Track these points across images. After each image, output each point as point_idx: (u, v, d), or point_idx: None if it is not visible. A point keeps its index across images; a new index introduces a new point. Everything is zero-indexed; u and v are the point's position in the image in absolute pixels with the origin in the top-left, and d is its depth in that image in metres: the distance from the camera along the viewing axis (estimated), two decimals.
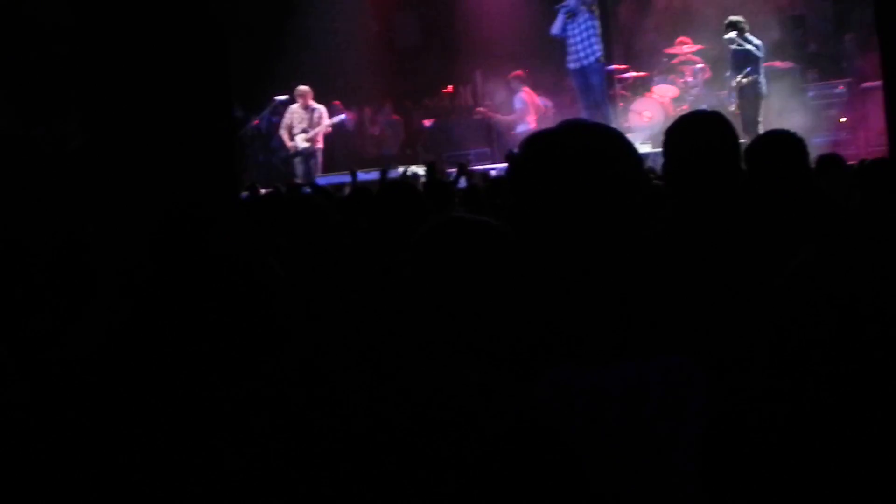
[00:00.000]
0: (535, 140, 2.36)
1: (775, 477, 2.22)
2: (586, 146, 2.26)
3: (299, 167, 12.68)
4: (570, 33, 13.55)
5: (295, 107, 13.92)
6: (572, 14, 13.40)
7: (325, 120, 13.91)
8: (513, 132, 14.52)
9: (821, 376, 2.33)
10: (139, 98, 6.17)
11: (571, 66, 13.49)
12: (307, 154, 13.40)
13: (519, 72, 14.58)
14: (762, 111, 12.59)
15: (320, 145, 13.66)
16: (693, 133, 3.63)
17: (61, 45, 12.87)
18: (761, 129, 10.87)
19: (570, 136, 2.32)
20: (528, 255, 2.26)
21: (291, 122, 13.74)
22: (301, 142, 13.44)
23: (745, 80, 12.98)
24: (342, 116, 14.16)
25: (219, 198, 6.14)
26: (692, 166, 3.54)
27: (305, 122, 13.71)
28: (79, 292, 4.49)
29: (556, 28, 13.65)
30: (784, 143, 4.32)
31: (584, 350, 2.11)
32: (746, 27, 13.20)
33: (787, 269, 2.60)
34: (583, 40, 13.37)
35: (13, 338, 3.48)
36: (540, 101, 14.61)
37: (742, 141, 4.20)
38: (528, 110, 14.33)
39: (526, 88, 14.31)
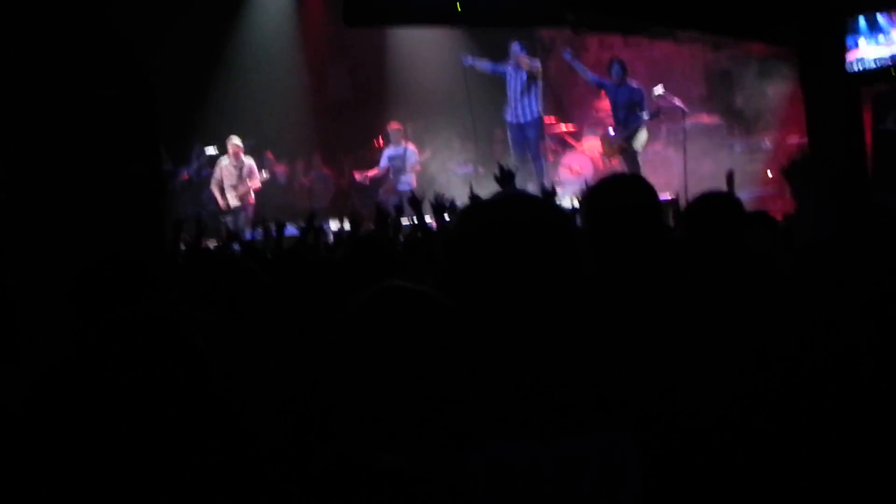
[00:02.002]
0: (474, 212, 2.38)
1: None
2: (524, 220, 2.25)
3: (230, 223, 12.56)
4: (510, 86, 13.61)
5: (225, 162, 13.98)
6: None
7: (255, 174, 14.02)
8: (393, 188, 14.68)
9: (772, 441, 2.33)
10: (63, 150, 6.07)
11: (509, 118, 13.54)
12: (237, 210, 13.34)
13: (398, 124, 14.72)
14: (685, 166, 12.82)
15: (251, 199, 13.65)
16: (611, 196, 3.57)
17: None
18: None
19: (508, 210, 2.32)
20: (464, 326, 2.23)
21: (221, 178, 13.68)
22: (233, 199, 13.41)
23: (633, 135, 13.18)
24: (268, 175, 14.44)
25: (148, 253, 6.16)
26: (612, 230, 3.47)
27: (234, 178, 13.71)
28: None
29: (487, 67, 13.74)
30: (723, 205, 4.23)
31: (521, 424, 2.07)
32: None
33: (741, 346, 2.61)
34: (522, 97, 13.46)
35: None
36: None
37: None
38: (416, 164, 14.54)
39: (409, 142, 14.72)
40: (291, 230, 12.04)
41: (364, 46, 15.31)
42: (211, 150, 14.36)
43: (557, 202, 7.59)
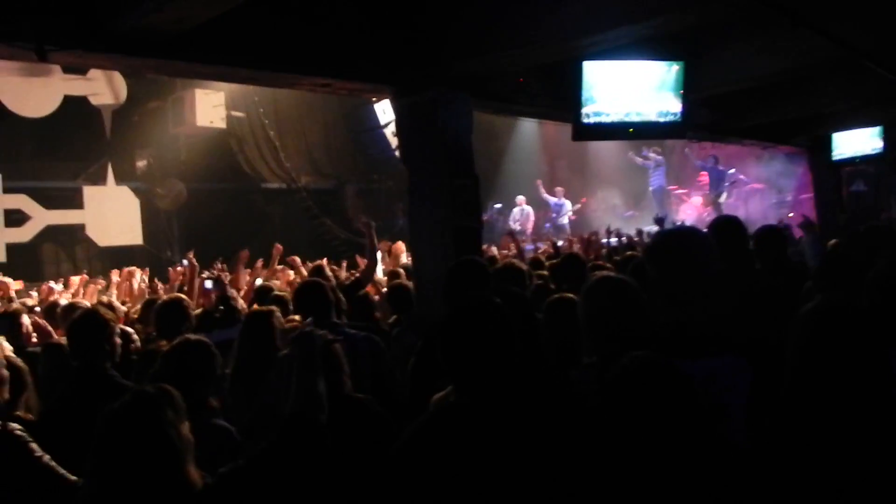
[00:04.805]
0: (665, 233, 3.32)
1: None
2: (693, 237, 3.14)
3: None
4: (651, 171, 18.58)
5: (516, 208, 18.41)
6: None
7: (531, 217, 18.41)
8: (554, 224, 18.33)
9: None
10: (436, 209, 6.90)
11: (652, 187, 18.47)
12: (522, 233, 16.78)
13: (560, 188, 19.16)
14: None
15: (529, 230, 17.96)
16: (722, 227, 4.78)
17: (390, 180, 18.20)
18: None
19: (683, 233, 3.27)
20: (656, 298, 2.90)
21: (516, 219, 17.87)
22: (518, 229, 16.91)
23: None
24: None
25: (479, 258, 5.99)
26: (731, 242, 4.53)
27: (521, 218, 18.31)
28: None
29: (639, 162, 18.57)
30: (775, 231, 5.62)
31: (690, 349, 2.58)
32: None
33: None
34: (656, 176, 18.54)
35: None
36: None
37: None
38: (569, 212, 18.91)
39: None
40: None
41: (573, 146, 17.92)
42: (497, 205, 19.20)
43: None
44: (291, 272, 9.12)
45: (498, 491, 2.36)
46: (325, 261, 7.95)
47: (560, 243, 11.94)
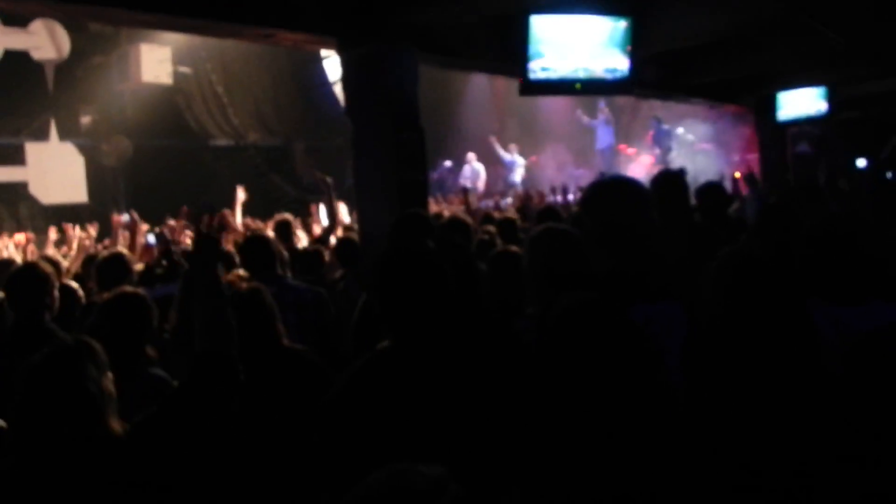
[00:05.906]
0: (600, 184, 3.23)
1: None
2: (633, 186, 3.10)
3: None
4: (598, 129, 18.74)
5: (467, 166, 17.88)
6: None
7: (482, 175, 17.85)
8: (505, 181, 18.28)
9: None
10: (385, 161, 6.86)
11: (599, 146, 18.64)
12: (473, 191, 15.26)
13: (514, 145, 18.46)
14: None
15: (480, 188, 17.33)
16: (660, 183, 4.48)
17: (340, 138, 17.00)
18: None
19: (623, 182, 3.23)
20: (593, 247, 2.99)
21: (468, 176, 17.38)
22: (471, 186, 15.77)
23: None
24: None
25: (424, 212, 5.99)
26: (668, 199, 4.33)
27: (472, 176, 17.85)
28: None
29: (586, 121, 18.71)
30: (715, 188, 5.67)
31: (626, 296, 2.56)
32: None
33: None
34: (605, 134, 18.60)
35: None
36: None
37: None
38: (521, 168, 18.68)
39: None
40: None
41: (523, 103, 18.45)
42: (448, 163, 18.87)
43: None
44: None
45: (432, 431, 2.36)
46: (288, 215, 7.83)
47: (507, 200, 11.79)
